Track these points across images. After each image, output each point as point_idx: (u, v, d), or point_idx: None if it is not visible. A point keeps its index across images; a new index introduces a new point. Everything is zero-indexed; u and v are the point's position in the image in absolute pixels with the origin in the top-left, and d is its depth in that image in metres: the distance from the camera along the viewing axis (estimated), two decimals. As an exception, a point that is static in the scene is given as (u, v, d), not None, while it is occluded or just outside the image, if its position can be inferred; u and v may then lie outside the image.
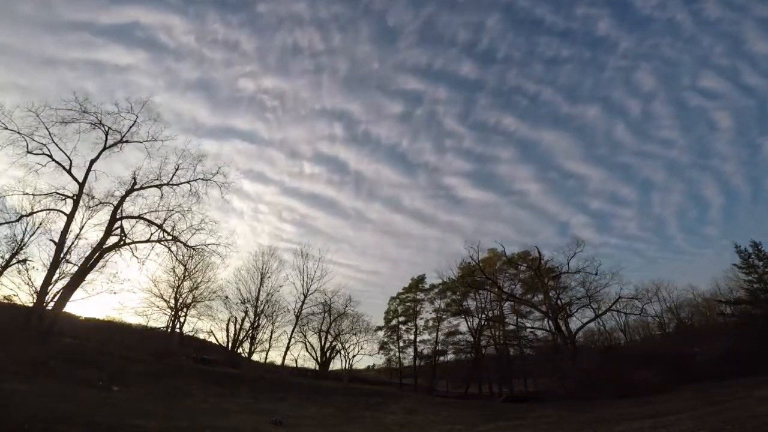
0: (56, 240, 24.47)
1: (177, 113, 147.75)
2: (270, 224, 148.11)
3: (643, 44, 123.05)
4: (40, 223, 26.08)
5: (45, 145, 25.33)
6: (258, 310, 38.95)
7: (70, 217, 24.98)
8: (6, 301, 24.83)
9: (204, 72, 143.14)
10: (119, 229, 26.67)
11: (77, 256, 25.32)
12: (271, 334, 39.89)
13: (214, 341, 39.05)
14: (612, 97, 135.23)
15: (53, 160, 25.64)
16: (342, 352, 45.84)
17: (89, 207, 26.46)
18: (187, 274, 34.57)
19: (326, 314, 43.36)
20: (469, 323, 47.66)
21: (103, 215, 26.81)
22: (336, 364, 47.13)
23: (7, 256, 24.99)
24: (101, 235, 25.84)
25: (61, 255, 24.19)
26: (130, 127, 27.73)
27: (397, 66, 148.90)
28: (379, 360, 52.66)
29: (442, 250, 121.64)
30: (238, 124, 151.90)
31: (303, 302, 41.31)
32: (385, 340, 51.30)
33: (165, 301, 34.43)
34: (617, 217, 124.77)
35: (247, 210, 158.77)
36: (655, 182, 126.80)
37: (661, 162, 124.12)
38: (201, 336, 38.32)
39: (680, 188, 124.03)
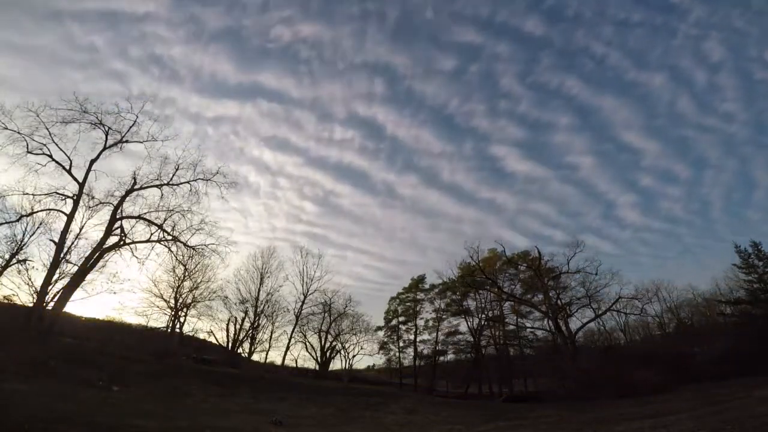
0: (56, 240, 24.47)
1: (195, 69, 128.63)
2: (288, 203, 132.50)
3: (714, 14, 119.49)
4: (40, 223, 26.13)
5: (45, 145, 25.37)
6: (258, 310, 38.98)
7: (70, 217, 24.98)
8: (6, 301, 24.84)
9: (234, 19, 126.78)
10: (119, 229, 26.68)
11: (77, 256, 25.37)
12: (271, 334, 39.98)
13: (214, 341, 39.11)
14: (679, 66, 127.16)
15: (53, 160, 25.65)
16: (342, 352, 45.92)
17: (89, 207, 26.50)
18: (187, 274, 34.61)
19: (326, 314, 43.40)
20: (469, 323, 47.74)
21: (103, 215, 26.87)
22: (336, 364, 47.25)
23: (7, 256, 25.03)
24: (101, 235, 25.84)
25: (61, 255, 24.18)
26: (130, 127, 27.77)
27: (454, 16, 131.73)
28: (379, 360, 52.76)
29: (478, 234, 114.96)
30: (265, 81, 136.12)
31: (303, 302, 41.40)
32: (385, 340, 51.37)
33: (165, 301, 34.47)
34: (666, 197, 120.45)
35: (264, 185, 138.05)
36: (709, 159, 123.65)
37: (719, 137, 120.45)
38: (201, 336, 38.38)
39: (733, 166, 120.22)
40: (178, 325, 35.57)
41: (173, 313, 34.82)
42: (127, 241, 26.82)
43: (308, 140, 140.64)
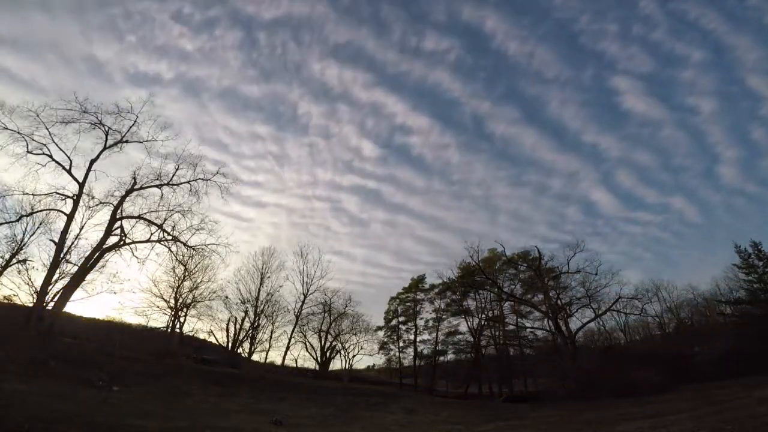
0: (56, 240, 24.49)
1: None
2: (343, 141, 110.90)
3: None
4: (40, 223, 26.28)
5: (45, 145, 25.37)
6: (258, 310, 38.99)
7: (70, 217, 24.98)
8: (6, 301, 24.88)
9: None
10: (119, 229, 26.67)
11: (77, 256, 25.43)
12: (271, 334, 40.02)
13: (214, 341, 39.16)
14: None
15: (53, 160, 25.65)
16: (342, 352, 45.96)
17: (89, 207, 26.53)
18: (187, 274, 34.64)
19: (326, 314, 43.42)
20: (469, 323, 47.72)
21: (103, 215, 26.88)
22: (336, 364, 47.30)
23: (7, 256, 25.12)
24: (101, 235, 25.84)
25: (61, 255, 24.20)
26: (130, 127, 27.74)
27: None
28: (379, 360, 52.78)
29: (564, 194, 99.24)
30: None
31: (303, 302, 41.41)
32: (385, 340, 51.34)
33: (165, 301, 34.51)
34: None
35: (316, 116, 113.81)
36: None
37: None
38: (201, 336, 38.43)
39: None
40: (178, 325, 35.64)
41: (173, 313, 34.88)
42: (127, 241, 26.83)
43: (389, 50, 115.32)
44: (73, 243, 25.43)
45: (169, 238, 27.68)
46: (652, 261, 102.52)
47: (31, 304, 23.78)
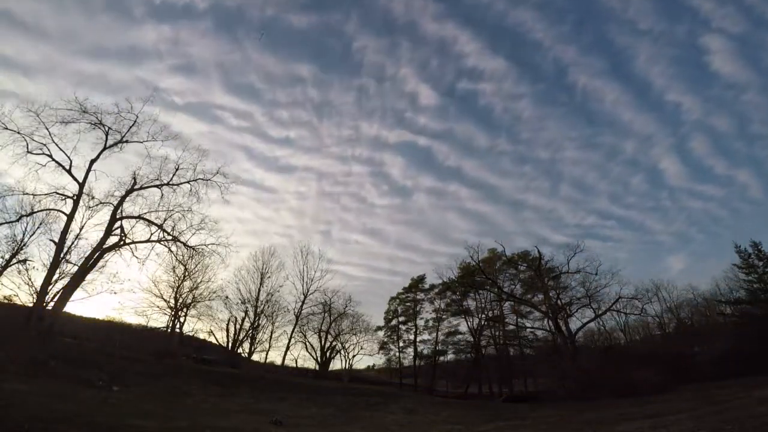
0: (56, 240, 24.49)
1: None
2: (398, 85, 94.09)
3: None
4: (40, 223, 26.30)
5: (45, 145, 25.36)
6: (258, 310, 39.00)
7: (70, 217, 24.98)
8: (6, 301, 24.90)
9: None
10: (119, 229, 26.66)
11: (77, 256, 25.44)
12: (271, 334, 40.04)
13: (214, 341, 39.18)
14: None
15: (53, 160, 25.64)
16: (342, 352, 45.96)
17: (89, 207, 26.52)
18: (187, 274, 34.65)
19: (326, 314, 43.42)
20: (469, 323, 47.72)
21: (103, 215, 26.87)
22: (336, 364, 47.31)
23: (7, 256, 25.13)
24: (101, 235, 25.83)
25: (61, 255, 24.20)
26: (130, 127, 27.71)
27: None
28: (379, 360, 52.77)
29: (634, 160, 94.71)
30: None
31: (303, 302, 41.41)
32: (385, 340, 51.34)
33: (165, 301, 34.52)
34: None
35: (372, 51, 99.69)
36: None
37: None
38: (201, 336, 38.45)
39: None
40: (178, 325, 35.65)
41: (173, 313, 34.88)
42: (127, 241, 26.82)
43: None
44: (73, 243, 25.49)
45: (169, 238, 27.69)
46: (701, 245, 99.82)
47: (31, 304, 23.79)
